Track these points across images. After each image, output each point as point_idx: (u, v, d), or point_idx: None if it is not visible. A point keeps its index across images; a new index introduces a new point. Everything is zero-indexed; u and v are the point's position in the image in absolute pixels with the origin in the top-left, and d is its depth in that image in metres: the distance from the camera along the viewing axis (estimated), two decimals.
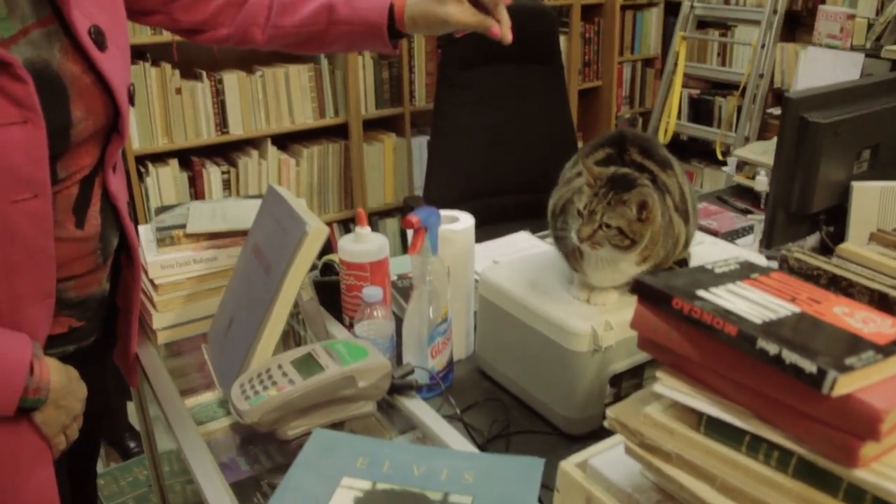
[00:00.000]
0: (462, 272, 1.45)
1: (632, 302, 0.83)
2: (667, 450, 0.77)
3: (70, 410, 1.16)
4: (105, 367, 1.46)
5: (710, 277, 0.82)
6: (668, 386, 0.78)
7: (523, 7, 2.94)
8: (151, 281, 1.44)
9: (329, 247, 1.44)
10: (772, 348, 0.67)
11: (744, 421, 0.73)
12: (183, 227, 1.47)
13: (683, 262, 1.31)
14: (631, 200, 1.14)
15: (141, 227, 1.55)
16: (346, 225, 3.49)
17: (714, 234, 2.09)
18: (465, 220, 1.47)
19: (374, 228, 3.51)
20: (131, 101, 1.21)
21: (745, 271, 0.85)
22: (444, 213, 1.47)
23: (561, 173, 1.35)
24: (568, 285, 1.30)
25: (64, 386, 1.13)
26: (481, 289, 1.38)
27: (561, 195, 1.29)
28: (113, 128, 1.18)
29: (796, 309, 0.76)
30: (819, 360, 0.64)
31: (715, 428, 0.75)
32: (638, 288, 0.79)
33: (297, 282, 1.17)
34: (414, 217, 1.27)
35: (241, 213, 1.51)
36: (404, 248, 3.53)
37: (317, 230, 1.15)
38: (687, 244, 1.30)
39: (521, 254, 1.90)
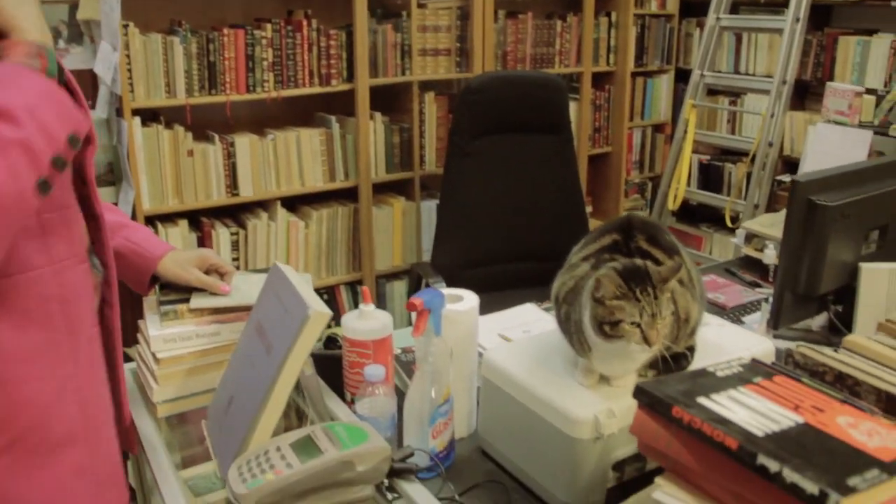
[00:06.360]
0: (465, 352, 1.44)
1: None
2: None
3: None
4: None
5: (713, 382, 0.81)
6: (667, 493, 0.77)
7: (535, 78, 2.97)
8: (153, 354, 1.43)
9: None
10: (772, 465, 0.66)
11: None
12: (187, 301, 1.47)
13: (690, 350, 1.30)
14: (669, 286, 1.13)
15: (145, 300, 1.55)
16: (354, 287, 3.49)
17: (722, 308, 2.08)
18: (468, 300, 1.46)
19: (381, 291, 3.52)
20: None
21: (749, 375, 0.84)
22: (448, 291, 1.46)
23: (568, 257, 1.34)
24: (571, 369, 1.29)
25: None
26: (484, 370, 1.37)
27: (564, 281, 1.28)
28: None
29: (799, 419, 0.75)
30: (821, 482, 0.63)
31: None
32: (638, 394, 0.78)
33: (297, 365, 1.17)
34: (417, 300, 1.27)
35: (246, 288, 1.50)
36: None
37: (319, 314, 1.15)
38: (694, 329, 1.29)
39: (526, 327, 1.90)
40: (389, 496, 1.23)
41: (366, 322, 1.42)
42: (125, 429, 1.44)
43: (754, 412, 0.75)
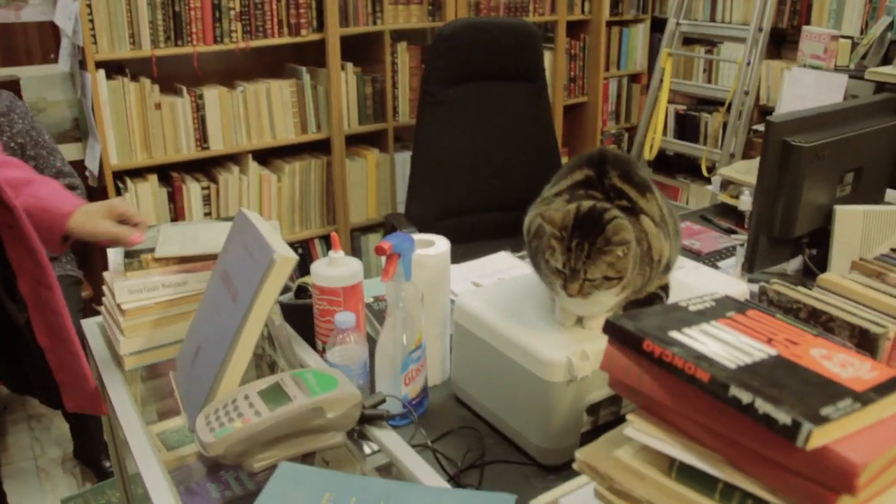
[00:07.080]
0: (437, 297, 1.42)
1: None
2: (637, 495, 0.74)
3: None
4: None
5: (685, 316, 0.79)
6: (638, 429, 0.76)
7: (507, 24, 2.92)
8: (119, 306, 1.40)
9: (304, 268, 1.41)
10: (745, 397, 0.65)
11: (717, 468, 0.70)
12: (152, 250, 1.44)
13: (664, 289, 1.28)
14: (612, 250, 1.10)
15: (109, 251, 1.51)
16: (328, 241, 3.46)
17: (697, 254, 2.07)
18: (440, 245, 1.44)
19: (356, 244, 3.49)
20: None
21: (721, 309, 0.82)
22: (419, 237, 1.44)
23: (541, 194, 1.32)
24: (544, 312, 1.27)
25: None
26: (456, 315, 1.35)
27: (538, 213, 1.26)
28: None
29: (772, 351, 0.73)
30: (794, 412, 0.61)
31: (687, 474, 0.72)
32: (609, 329, 0.76)
33: (264, 311, 1.14)
34: (386, 243, 1.24)
35: (213, 236, 1.47)
36: None
37: (284, 258, 1.12)
38: (669, 267, 1.27)
39: (500, 275, 1.88)
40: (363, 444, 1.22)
41: (335, 269, 1.39)
42: (90, 395, 1.43)
43: (727, 345, 0.73)
